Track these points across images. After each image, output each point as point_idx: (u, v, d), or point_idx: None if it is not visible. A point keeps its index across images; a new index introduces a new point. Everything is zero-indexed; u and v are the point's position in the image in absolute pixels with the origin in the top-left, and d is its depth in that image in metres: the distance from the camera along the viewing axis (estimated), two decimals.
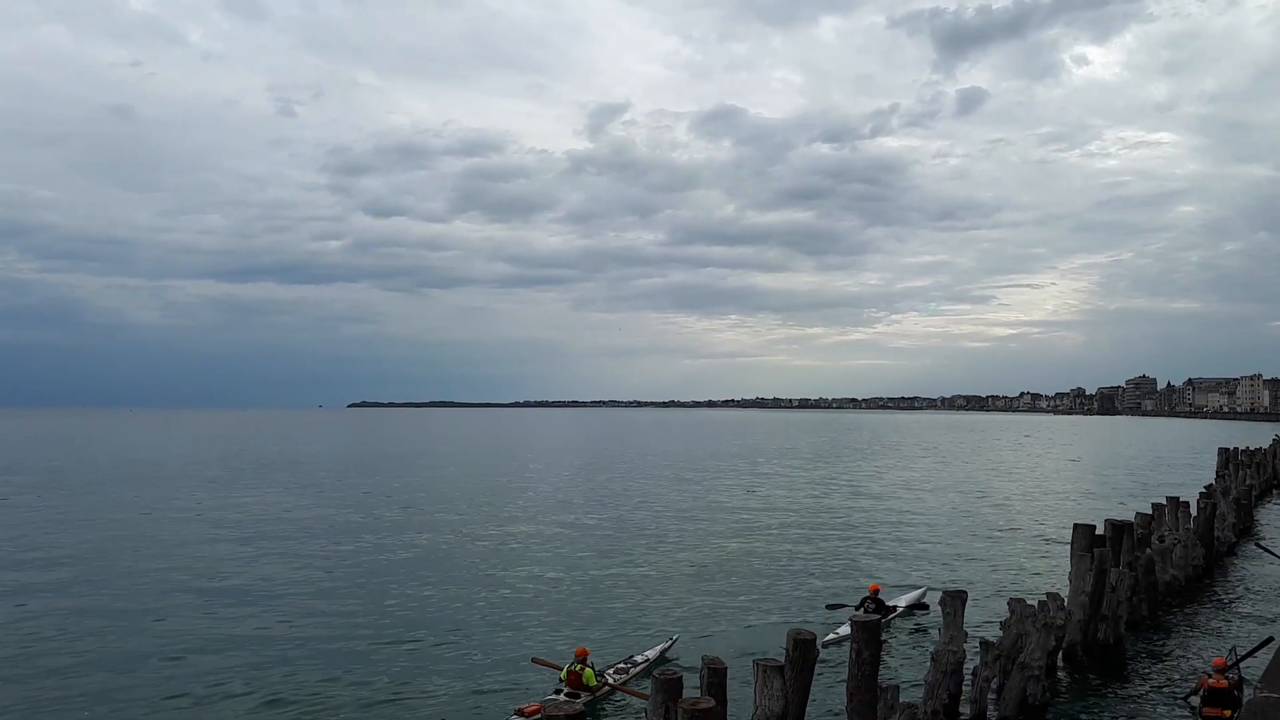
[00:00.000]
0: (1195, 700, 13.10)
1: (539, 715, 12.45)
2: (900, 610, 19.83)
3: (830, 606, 20.22)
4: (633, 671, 15.17)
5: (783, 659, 9.45)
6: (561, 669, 14.35)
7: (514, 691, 14.81)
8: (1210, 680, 12.65)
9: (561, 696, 13.53)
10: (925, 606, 19.52)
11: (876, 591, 19.43)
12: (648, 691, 10.15)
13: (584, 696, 13.56)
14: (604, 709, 13.90)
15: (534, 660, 15.77)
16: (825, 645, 16.54)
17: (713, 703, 7.63)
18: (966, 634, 12.53)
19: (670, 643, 16.91)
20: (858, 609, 18.77)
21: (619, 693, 14.27)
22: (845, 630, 15.94)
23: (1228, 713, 12.17)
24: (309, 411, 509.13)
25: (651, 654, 16.17)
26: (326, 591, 23.09)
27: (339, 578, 24.77)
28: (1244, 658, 14.36)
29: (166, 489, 49.00)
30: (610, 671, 14.90)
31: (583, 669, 13.87)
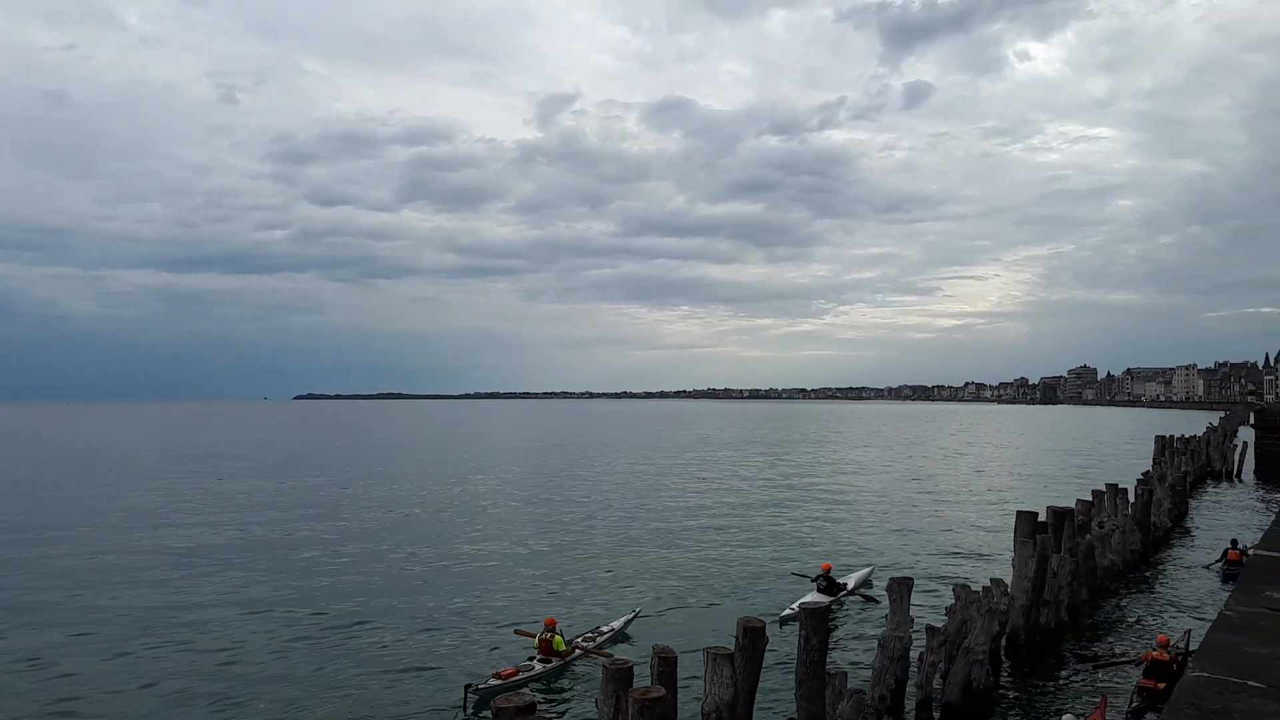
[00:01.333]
0: (1137, 671, 13.74)
1: (514, 678, 13.96)
2: (850, 588, 20.76)
3: (796, 574, 22.03)
4: (599, 640, 16.43)
5: (733, 646, 9.50)
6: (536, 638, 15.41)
7: (492, 655, 16.14)
8: (1154, 654, 13.39)
9: (535, 663, 14.85)
10: (876, 601, 20.08)
11: (829, 570, 20.54)
12: (611, 652, 13.06)
13: (554, 661, 14.91)
14: (573, 673, 14.98)
15: (516, 631, 16.95)
16: (783, 622, 17.66)
17: (663, 692, 7.64)
18: (913, 620, 12.71)
19: (633, 615, 18.23)
20: (813, 581, 20.17)
21: (587, 658, 15.31)
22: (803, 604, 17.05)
23: (1161, 685, 12.75)
24: (254, 404, 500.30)
25: (617, 624, 17.45)
26: (298, 576, 23.35)
27: (311, 564, 24.89)
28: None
29: (115, 484, 47.80)
30: (580, 640, 16.07)
31: (553, 636, 15.02)
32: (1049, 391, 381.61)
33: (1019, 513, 17.12)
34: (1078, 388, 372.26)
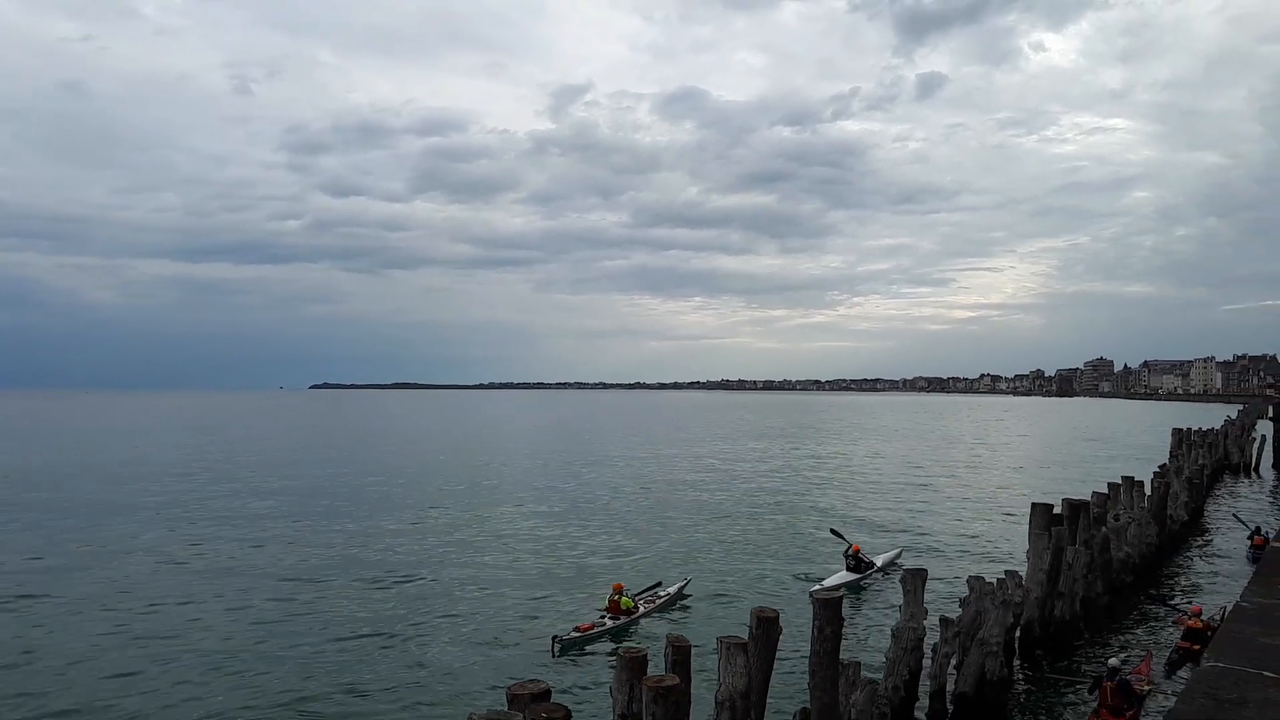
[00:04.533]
0: (1176, 633, 15.58)
1: (590, 632, 16.75)
2: (879, 567, 22.01)
3: (834, 531, 24.84)
4: (659, 601, 19.14)
5: (746, 635, 9.53)
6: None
7: (572, 614, 18.62)
8: (1188, 621, 15.39)
9: (606, 619, 17.49)
10: (899, 565, 21.57)
11: (858, 551, 21.77)
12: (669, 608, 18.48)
13: (623, 619, 17.60)
14: (637, 628, 17.52)
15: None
16: (814, 595, 17.73)
17: (677, 680, 7.67)
18: (927, 611, 12.69)
19: (686, 581, 20.78)
20: (846, 555, 21.62)
21: (649, 615, 18.15)
22: (833, 581, 19.78)
23: (1197, 647, 14.19)
24: (270, 393, 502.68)
25: (673, 589, 20.07)
26: (369, 555, 25.47)
27: (383, 546, 26.84)
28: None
29: (136, 484, 48.24)
30: (642, 601, 18.72)
31: (620, 598, 17.96)
32: (1065, 384, 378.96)
33: (1034, 504, 17.02)
34: (1094, 380, 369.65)
